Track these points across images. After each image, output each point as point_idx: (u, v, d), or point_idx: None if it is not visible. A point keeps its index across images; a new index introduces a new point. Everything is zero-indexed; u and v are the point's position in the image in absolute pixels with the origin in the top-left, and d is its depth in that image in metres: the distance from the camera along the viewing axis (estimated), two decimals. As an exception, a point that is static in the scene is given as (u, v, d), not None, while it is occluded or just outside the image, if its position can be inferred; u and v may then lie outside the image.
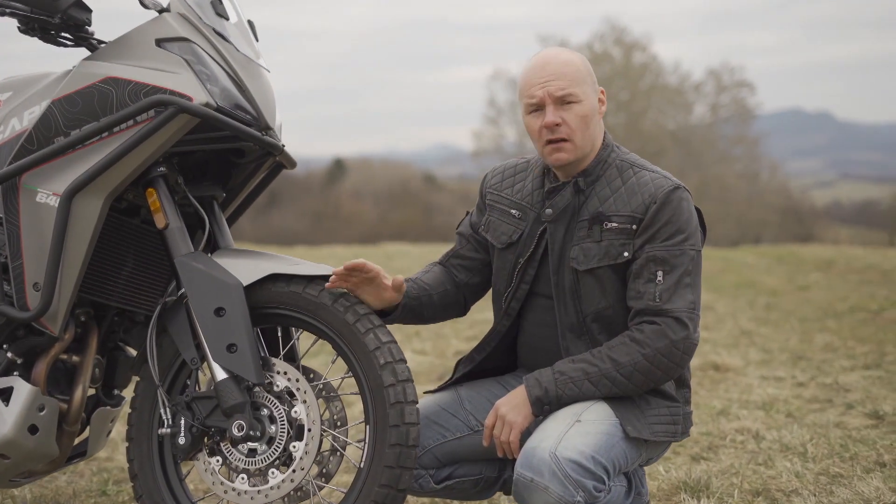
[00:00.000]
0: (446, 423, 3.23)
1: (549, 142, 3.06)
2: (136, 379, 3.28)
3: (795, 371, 6.47)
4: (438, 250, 20.92)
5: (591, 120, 3.06)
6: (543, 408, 2.98)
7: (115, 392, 3.52)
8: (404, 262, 15.80)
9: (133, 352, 3.51)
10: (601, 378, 2.94)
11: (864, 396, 5.54)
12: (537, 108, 3.07)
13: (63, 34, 3.23)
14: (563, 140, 3.05)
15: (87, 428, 3.44)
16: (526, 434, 3.01)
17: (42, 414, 3.15)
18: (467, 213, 3.40)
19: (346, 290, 3.03)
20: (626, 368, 2.93)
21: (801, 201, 46.29)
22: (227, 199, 3.44)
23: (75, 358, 3.28)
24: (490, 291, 3.38)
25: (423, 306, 3.22)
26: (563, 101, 3.03)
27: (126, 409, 3.36)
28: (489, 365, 3.30)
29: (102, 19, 3.43)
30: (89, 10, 3.22)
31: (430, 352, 7.50)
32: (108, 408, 3.48)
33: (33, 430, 3.13)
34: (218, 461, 3.07)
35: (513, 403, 2.99)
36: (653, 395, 3.04)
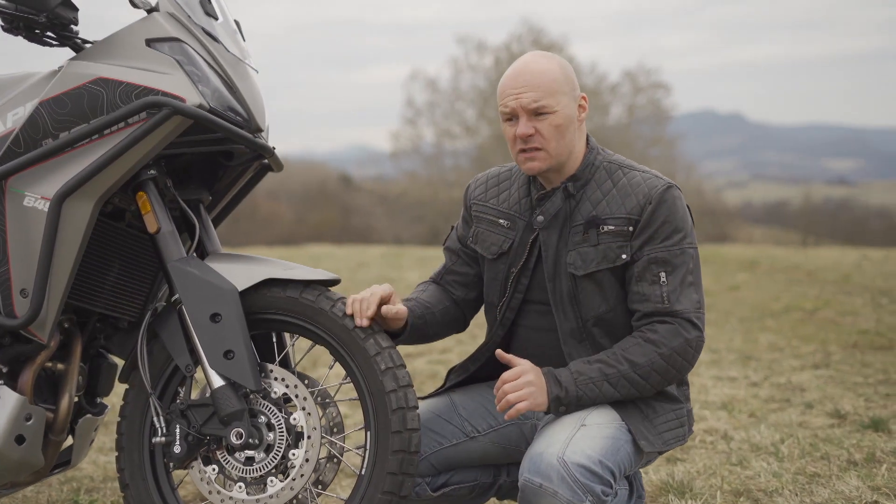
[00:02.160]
0: (441, 429, 3.20)
1: (522, 150, 3.05)
2: (121, 387, 3.20)
3: (748, 371, 6.55)
4: (362, 252, 20.90)
5: (566, 129, 3.03)
6: (560, 408, 2.94)
7: (98, 400, 3.43)
8: (331, 265, 15.74)
9: (115, 359, 3.43)
10: (620, 379, 2.93)
11: (821, 396, 5.62)
12: (510, 117, 3.05)
13: (48, 33, 3.15)
14: (536, 149, 3.03)
15: (70, 437, 3.35)
16: (530, 431, 2.99)
17: (29, 423, 3.06)
18: (452, 227, 3.37)
19: (343, 296, 3.00)
20: (644, 369, 2.92)
21: (715, 202, 46.92)
22: (212, 202, 3.38)
23: (60, 366, 3.20)
24: (477, 305, 3.36)
25: (427, 325, 3.19)
26: (536, 112, 3.01)
27: (107, 417, 3.28)
28: (481, 372, 3.28)
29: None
30: (76, 9, 3.14)
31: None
32: (92, 416, 3.40)
33: (20, 440, 3.04)
34: (214, 469, 3.01)
35: (539, 385, 2.92)
36: (657, 399, 3.04)
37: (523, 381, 2.93)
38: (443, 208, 39.42)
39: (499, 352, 3.02)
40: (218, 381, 2.93)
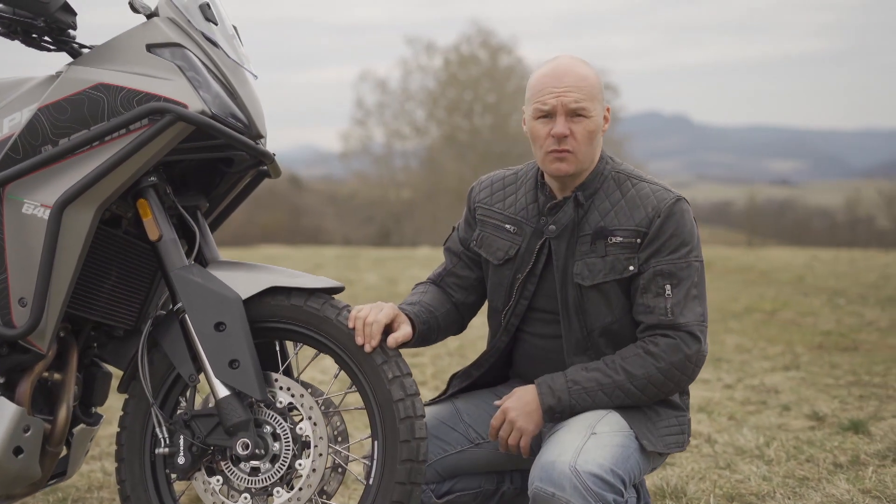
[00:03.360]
0: (446, 436, 3.19)
1: (553, 151, 3.04)
2: (117, 396, 3.16)
3: (720, 373, 6.59)
4: (317, 253, 20.77)
5: (595, 136, 3.05)
6: (555, 416, 2.97)
7: (93, 410, 3.38)
8: (287, 266, 15.59)
9: (109, 368, 3.38)
10: (615, 389, 2.94)
11: (796, 398, 5.67)
12: (547, 115, 3.04)
13: (45, 38, 3.10)
14: (568, 151, 3.03)
15: (65, 448, 3.30)
16: (535, 439, 3.01)
17: (27, 435, 3.01)
18: (454, 228, 3.36)
19: (348, 304, 2.98)
20: (641, 381, 2.94)
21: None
22: (209, 209, 3.34)
23: (57, 376, 3.14)
24: (476, 308, 3.36)
25: (430, 331, 3.17)
26: (575, 114, 3.01)
27: (103, 427, 3.23)
28: (483, 378, 3.27)
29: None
30: (74, 13, 3.09)
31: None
32: (88, 426, 3.34)
33: (18, 451, 2.99)
34: (219, 480, 2.98)
35: (524, 410, 2.97)
36: (661, 405, 3.05)
37: (511, 418, 2.99)
38: (392, 209, 39.40)
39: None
40: (223, 391, 2.90)
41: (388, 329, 2.95)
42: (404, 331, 2.97)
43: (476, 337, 7.60)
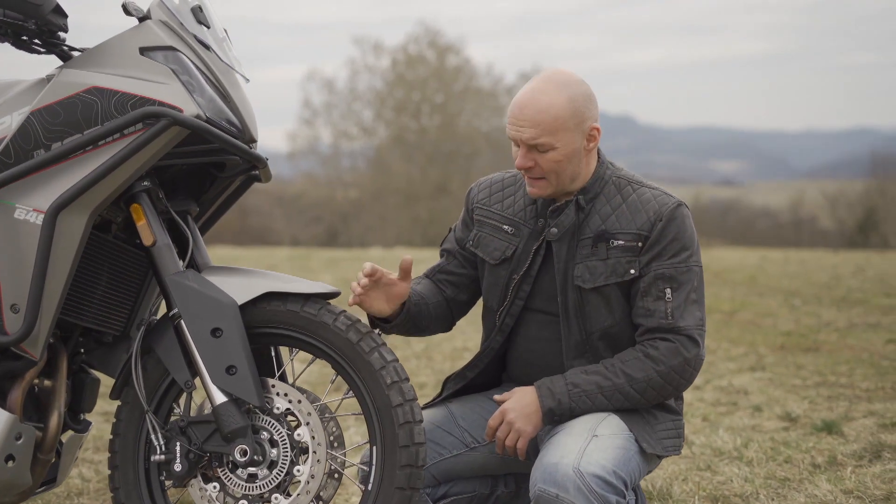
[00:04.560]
0: (441, 440, 3.19)
1: (525, 176, 3.08)
2: (105, 403, 3.13)
3: (687, 374, 6.62)
4: (269, 254, 20.68)
5: (567, 163, 3.03)
6: (554, 418, 2.99)
7: (82, 417, 3.34)
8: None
9: (97, 374, 3.34)
10: (615, 392, 2.96)
11: (766, 399, 5.73)
12: (514, 143, 3.07)
13: (35, 40, 3.06)
14: (538, 178, 3.05)
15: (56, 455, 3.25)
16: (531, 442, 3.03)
17: (19, 443, 2.97)
18: (450, 229, 3.36)
19: (344, 309, 2.97)
20: (640, 384, 2.96)
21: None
22: (198, 213, 3.31)
23: (47, 382, 3.10)
24: (466, 308, 3.36)
25: (421, 314, 3.19)
26: (536, 149, 3.01)
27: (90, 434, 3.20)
28: (477, 380, 3.27)
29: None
30: (66, 16, 3.05)
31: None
32: (77, 433, 3.30)
33: (9, 459, 2.95)
34: (215, 487, 2.95)
35: (523, 411, 2.98)
36: (658, 409, 3.08)
37: (509, 419, 3.00)
38: (340, 209, 39.30)
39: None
40: (220, 398, 2.88)
41: (391, 295, 3.09)
42: (402, 284, 3.08)
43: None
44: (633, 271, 3.01)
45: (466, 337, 8.10)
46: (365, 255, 20.05)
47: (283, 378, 3.03)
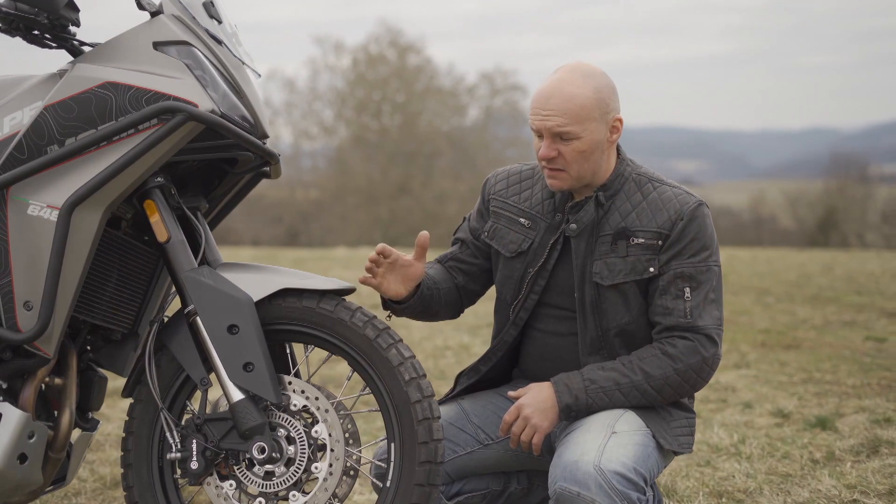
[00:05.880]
0: (455, 437, 3.18)
1: (546, 168, 3.07)
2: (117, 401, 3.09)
3: (673, 372, 6.65)
4: (234, 254, 20.52)
5: (590, 154, 3.03)
6: (571, 414, 2.99)
7: (90, 415, 3.30)
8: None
9: (105, 372, 3.31)
10: (632, 389, 2.96)
11: (756, 396, 5.75)
12: (537, 134, 3.05)
13: (46, 35, 3.02)
14: (559, 170, 3.04)
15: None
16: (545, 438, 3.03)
17: (32, 441, 2.93)
18: (465, 218, 3.35)
19: (360, 306, 2.95)
20: (658, 381, 2.96)
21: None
22: (208, 209, 3.29)
23: (58, 380, 3.06)
24: (475, 297, 3.36)
25: (432, 298, 3.19)
26: (561, 138, 3.01)
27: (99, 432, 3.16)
28: (490, 373, 3.27)
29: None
30: (78, 10, 3.02)
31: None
32: (85, 431, 3.26)
33: (23, 458, 2.91)
34: (232, 485, 2.93)
35: (540, 407, 2.97)
36: (672, 406, 3.09)
37: (526, 414, 2.98)
38: (300, 209, 39.15)
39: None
40: (237, 395, 2.86)
41: (406, 276, 3.11)
42: (417, 264, 3.11)
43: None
44: (652, 269, 3.02)
45: (446, 336, 8.08)
46: (330, 254, 19.95)
47: (297, 375, 3.02)
